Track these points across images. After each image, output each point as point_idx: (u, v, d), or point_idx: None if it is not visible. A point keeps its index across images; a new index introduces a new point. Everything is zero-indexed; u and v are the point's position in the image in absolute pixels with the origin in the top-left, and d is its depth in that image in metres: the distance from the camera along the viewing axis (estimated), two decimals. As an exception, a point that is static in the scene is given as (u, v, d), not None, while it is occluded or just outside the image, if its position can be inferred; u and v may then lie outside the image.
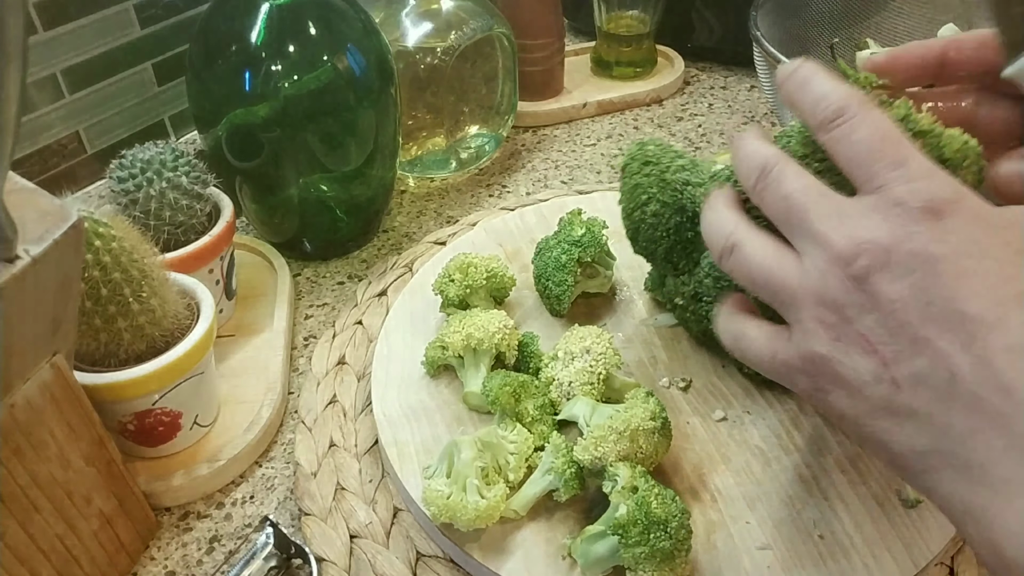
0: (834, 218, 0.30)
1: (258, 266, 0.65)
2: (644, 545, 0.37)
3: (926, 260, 0.28)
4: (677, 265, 0.49)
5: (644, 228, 0.47)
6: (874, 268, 0.28)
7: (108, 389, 0.43)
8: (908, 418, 0.28)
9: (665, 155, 0.47)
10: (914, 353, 0.28)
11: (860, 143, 0.31)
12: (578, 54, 0.95)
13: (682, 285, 0.49)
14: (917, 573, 0.40)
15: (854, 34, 0.79)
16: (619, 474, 0.40)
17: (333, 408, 0.52)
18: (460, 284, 0.53)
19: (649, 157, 0.47)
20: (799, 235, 0.31)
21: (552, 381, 0.47)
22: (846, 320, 0.29)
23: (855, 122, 0.31)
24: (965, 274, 0.27)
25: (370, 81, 0.59)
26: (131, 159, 0.52)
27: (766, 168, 0.33)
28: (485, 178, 0.77)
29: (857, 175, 0.31)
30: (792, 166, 0.33)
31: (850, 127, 0.31)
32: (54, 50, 0.63)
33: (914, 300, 0.28)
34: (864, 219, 0.29)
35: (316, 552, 0.44)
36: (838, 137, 0.32)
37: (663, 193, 0.46)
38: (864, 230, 0.29)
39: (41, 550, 0.38)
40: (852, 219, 0.29)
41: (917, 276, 0.28)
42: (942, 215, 0.28)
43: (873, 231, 0.29)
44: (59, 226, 0.34)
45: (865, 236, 0.29)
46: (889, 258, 0.28)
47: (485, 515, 0.40)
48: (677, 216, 0.45)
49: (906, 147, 0.30)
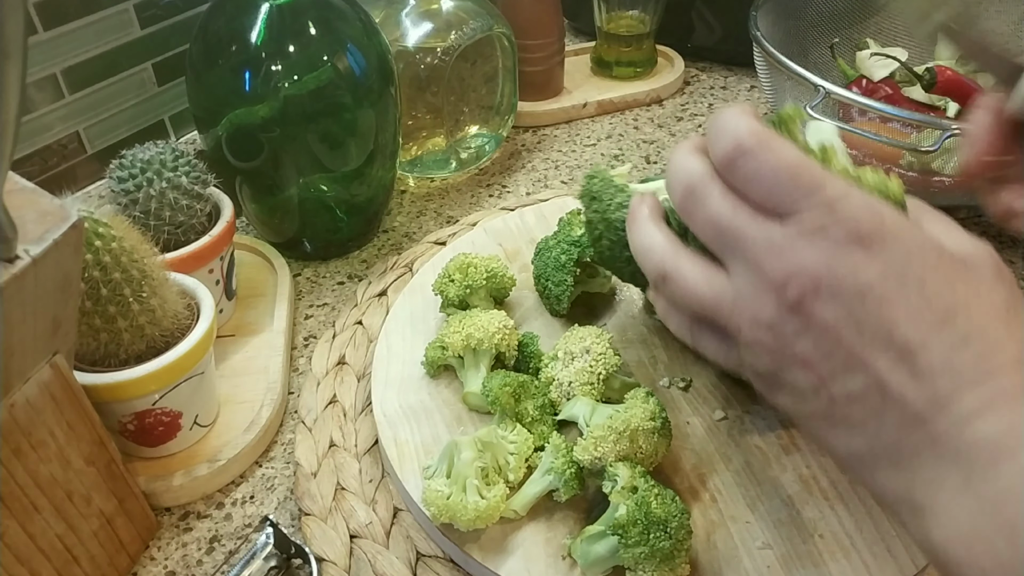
0: (762, 245, 0.31)
1: (258, 266, 0.65)
2: (644, 545, 0.37)
3: (854, 286, 0.29)
4: (644, 283, 0.49)
5: (606, 257, 0.46)
6: (807, 295, 0.30)
7: (108, 389, 0.43)
8: (845, 426, 0.31)
9: (606, 191, 0.45)
10: (848, 372, 0.30)
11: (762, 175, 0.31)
12: (578, 54, 0.95)
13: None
14: (917, 573, 0.40)
15: (854, 34, 0.79)
16: (619, 474, 0.40)
17: (333, 408, 0.52)
18: (460, 284, 0.53)
19: (594, 193, 0.46)
20: (730, 257, 0.32)
21: (552, 381, 0.47)
22: (783, 342, 0.31)
23: (757, 156, 0.31)
24: (890, 300, 0.29)
25: (370, 81, 0.59)
26: (131, 159, 0.52)
27: (692, 187, 0.33)
28: (485, 178, 0.77)
29: (775, 204, 0.31)
30: (717, 187, 0.33)
31: (753, 162, 0.31)
32: (54, 50, 0.63)
33: (846, 323, 0.29)
34: (792, 246, 0.30)
35: (316, 552, 0.44)
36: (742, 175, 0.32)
37: (609, 232, 0.45)
38: (794, 257, 0.30)
39: (41, 550, 0.38)
40: (781, 246, 0.30)
41: (846, 301, 0.29)
42: (863, 241, 0.29)
43: (803, 259, 0.30)
44: (59, 226, 0.34)
45: (796, 264, 0.30)
46: (820, 284, 0.29)
47: (485, 515, 0.40)
48: (627, 251, 0.42)
49: (816, 170, 0.31)
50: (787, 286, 0.30)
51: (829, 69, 0.78)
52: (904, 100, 0.71)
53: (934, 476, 0.28)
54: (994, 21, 0.79)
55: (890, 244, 0.29)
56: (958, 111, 0.68)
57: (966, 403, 0.27)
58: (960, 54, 0.38)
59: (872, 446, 0.30)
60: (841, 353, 0.30)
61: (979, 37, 0.33)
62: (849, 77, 0.75)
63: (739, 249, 0.32)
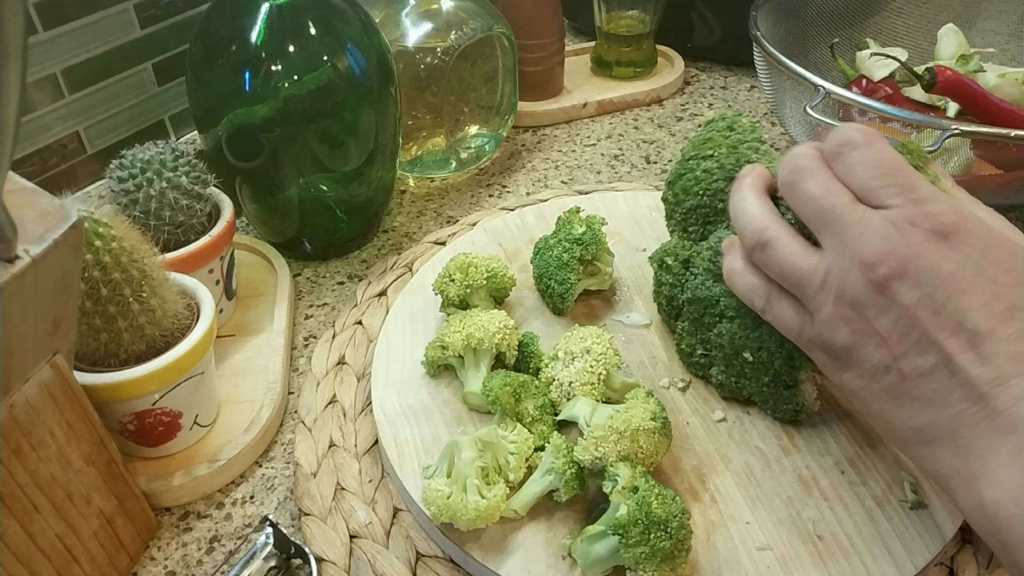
0: (859, 226, 0.34)
1: (258, 266, 0.65)
2: (645, 545, 0.37)
3: (936, 275, 0.33)
4: (689, 228, 0.50)
5: (688, 177, 0.49)
6: (893, 277, 0.33)
7: (108, 389, 0.43)
8: (910, 401, 0.34)
9: (749, 133, 0.49)
10: (920, 351, 0.33)
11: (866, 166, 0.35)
12: (578, 54, 0.95)
13: (681, 248, 0.50)
14: (917, 573, 0.40)
15: (854, 34, 0.79)
16: (619, 474, 0.40)
17: (333, 408, 0.52)
18: (460, 284, 0.53)
19: (735, 125, 0.49)
20: (826, 234, 0.36)
21: (552, 381, 0.47)
22: (864, 318, 0.35)
23: (864, 150, 0.36)
24: (966, 289, 0.33)
25: (370, 81, 0.59)
26: (131, 159, 0.52)
27: (800, 166, 0.37)
28: (485, 178, 0.77)
29: (874, 194, 0.35)
30: (823, 170, 0.37)
31: (860, 154, 0.36)
32: (54, 50, 0.63)
33: (924, 307, 0.33)
34: (884, 232, 0.34)
35: (316, 552, 0.44)
36: (848, 163, 0.36)
37: (728, 157, 0.47)
38: (887, 242, 0.34)
39: (41, 550, 0.38)
40: (875, 230, 0.34)
41: (928, 288, 0.33)
42: (948, 236, 0.33)
43: (893, 244, 0.34)
44: (59, 226, 0.34)
45: (887, 247, 0.34)
46: (907, 268, 0.33)
47: (485, 515, 0.40)
48: (724, 183, 0.47)
49: (913, 173, 0.35)
50: (877, 265, 0.33)
51: (829, 69, 0.78)
52: (904, 100, 0.71)
53: (989, 445, 0.32)
54: (994, 21, 0.79)
55: (971, 241, 0.33)
56: (958, 111, 0.68)
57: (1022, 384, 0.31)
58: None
59: (935, 420, 0.33)
60: (917, 332, 0.33)
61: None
62: (849, 77, 0.75)
63: (837, 226, 0.35)
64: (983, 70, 0.70)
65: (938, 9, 0.79)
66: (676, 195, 0.50)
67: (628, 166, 0.78)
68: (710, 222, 0.49)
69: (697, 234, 0.49)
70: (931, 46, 0.75)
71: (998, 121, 0.65)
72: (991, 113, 0.66)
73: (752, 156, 0.47)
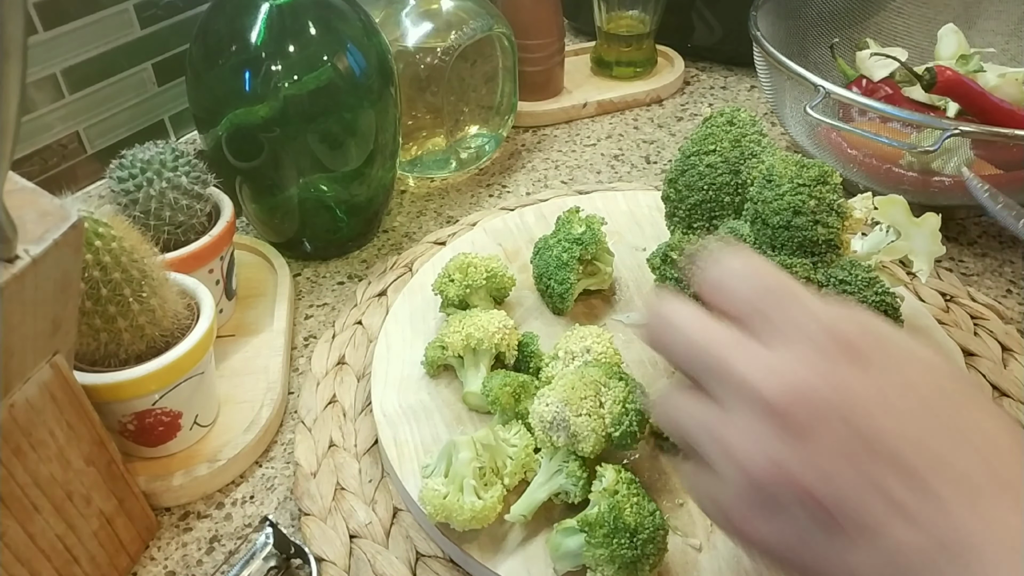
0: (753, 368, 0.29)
1: (258, 266, 0.65)
2: (605, 548, 0.37)
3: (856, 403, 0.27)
4: (694, 223, 0.50)
5: (692, 172, 0.49)
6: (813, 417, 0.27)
7: (108, 389, 0.43)
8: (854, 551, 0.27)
9: (750, 127, 0.49)
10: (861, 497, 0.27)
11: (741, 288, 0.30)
12: (578, 54, 0.95)
13: (685, 243, 0.50)
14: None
15: (854, 34, 0.79)
16: (605, 475, 0.40)
17: (333, 408, 0.52)
18: (460, 284, 0.53)
19: (735, 120, 0.49)
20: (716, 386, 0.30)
21: (552, 381, 0.47)
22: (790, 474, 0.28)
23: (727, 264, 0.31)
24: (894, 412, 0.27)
25: (370, 81, 0.59)
26: (131, 159, 0.52)
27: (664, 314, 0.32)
28: (485, 178, 0.77)
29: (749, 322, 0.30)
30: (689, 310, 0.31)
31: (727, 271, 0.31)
32: (54, 50, 0.63)
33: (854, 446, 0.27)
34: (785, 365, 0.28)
35: (316, 552, 0.44)
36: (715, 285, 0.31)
37: (731, 151, 0.48)
38: (791, 377, 0.28)
39: (41, 550, 0.38)
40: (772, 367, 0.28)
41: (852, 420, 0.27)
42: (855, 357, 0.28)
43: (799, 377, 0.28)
44: (59, 226, 0.34)
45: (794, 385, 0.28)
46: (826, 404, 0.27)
47: (481, 516, 0.40)
48: (728, 176, 0.48)
49: (794, 284, 0.30)
50: (788, 412, 0.27)
51: (829, 69, 0.78)
52: (904, 100, 0.71)
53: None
54: (994, 21, 0.79)
55: (877, 354, 0.28)
56: (958, 111, 0.68)
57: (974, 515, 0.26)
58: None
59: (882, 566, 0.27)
60: (851, 477, 0.27)
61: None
62: (849, 77, 0.75)
63: (726, 375, 0.29)
64: (983, 70, 0.70)
65: (938, 9, 0.79)
66: (679, 192, 0.50)
67: (628, 166, 0.78)
68: (715, 216, 0.49)
69: (702, 229, 0.49)
70: (931, 46, 0.75)
71: (998, 121, 0.65)
72: (991, 113, 0.66)
73: (755, 149, 0.47)
